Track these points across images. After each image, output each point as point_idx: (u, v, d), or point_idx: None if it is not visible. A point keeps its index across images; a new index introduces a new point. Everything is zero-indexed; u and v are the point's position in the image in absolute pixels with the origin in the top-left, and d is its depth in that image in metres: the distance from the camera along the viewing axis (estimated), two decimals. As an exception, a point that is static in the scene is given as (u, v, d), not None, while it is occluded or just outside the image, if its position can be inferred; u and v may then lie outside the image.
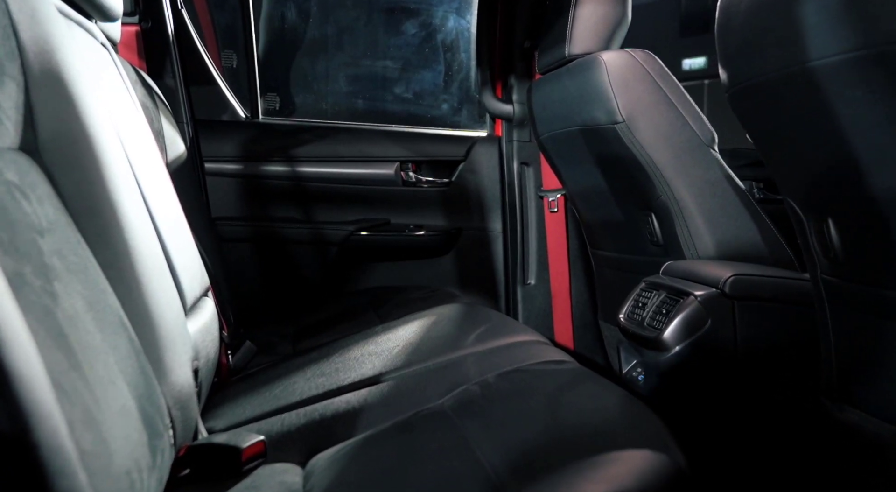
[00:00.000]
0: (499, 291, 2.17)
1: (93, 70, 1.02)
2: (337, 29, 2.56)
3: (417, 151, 2.14)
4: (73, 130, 0.86)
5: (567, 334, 2.16)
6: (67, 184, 0.83)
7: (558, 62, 1.71)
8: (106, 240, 0.88)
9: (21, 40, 0.80)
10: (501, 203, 2.15)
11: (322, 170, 2.07)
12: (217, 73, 2.04)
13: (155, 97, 1.72)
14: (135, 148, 1.07)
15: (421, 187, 2.15)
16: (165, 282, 0.99)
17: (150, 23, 1.87)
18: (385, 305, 1.80)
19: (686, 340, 1.24)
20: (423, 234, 2.10)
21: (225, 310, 1.67)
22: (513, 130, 2.09)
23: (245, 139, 2.03)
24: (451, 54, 2.60)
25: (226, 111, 2.05)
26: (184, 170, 1.79)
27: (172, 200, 1.24)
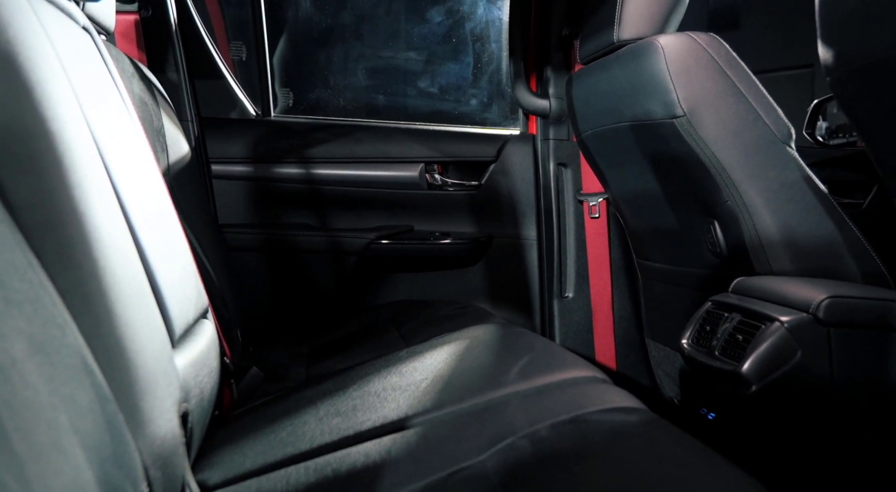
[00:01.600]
0: (533, 305, 1.97)
1: (64, 56, 0.84)
2: (355, 18, 2.37)
3: (444, 151, 1.95)
4: (27, 124, 0.68)
5: (609, 353, 1.96)
6: (18, 190, 0.66)
7: (605, 49, 1.51)
8: (68, 260, 0.70)
9: None
10: (536, 208, 1.96)
11: (339, 172, 1.89)
12: (225, 66, 1.86)
13: (155, 92, 1.55)
14: (115, 148, 0.89)
15: (447, 191, 1.96)
16: (146, 309, 0.81)
17: (150, 11, 1.70)
18: (409, 322, 1.61)
19: (771, 376, 1.03)
20: (450, 242, 1.91)
21: (230, 330, 1.49)
22: (549, 127, 1.89)
23: (255, 138, 1.86)
24: (480, 45, 2.40)
25: (234, 108, 1.87)
26: (187, 172, 1.62)
27: (164, 208, 1.07)
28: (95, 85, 0.95)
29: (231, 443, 1.03)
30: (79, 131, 0.76)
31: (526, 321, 1.97)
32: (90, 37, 1.07)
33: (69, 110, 0.75)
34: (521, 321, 1.98)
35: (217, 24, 2.12)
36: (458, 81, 2.41)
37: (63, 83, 0.77)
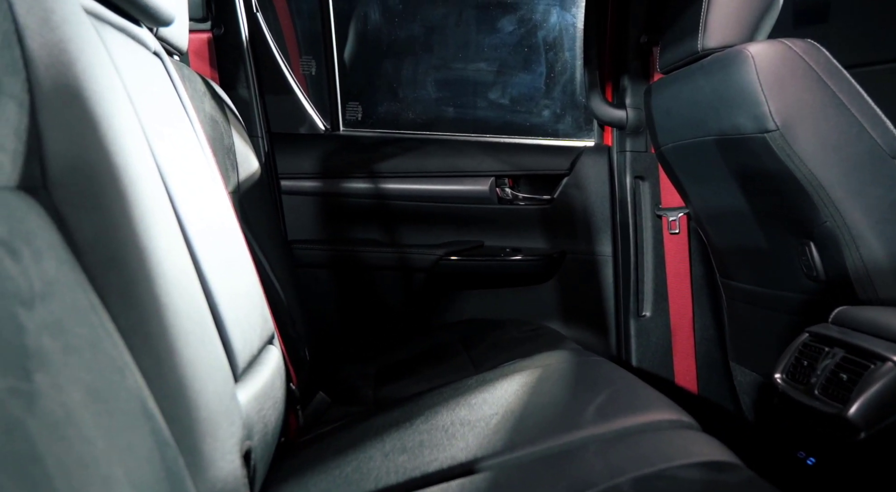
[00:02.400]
0: (608, 325, 1.88)
1: (132, 85, 0.83)
2: (425, 29, 2.34)
3: (515, 164, 1.89)
4: (93, 160, 0.66)
5: (690, 376, 1.85)
6: (84, 228, 0.64)
7: (688, 58, 1.42)
8: (130, 298, 0.68)
9: (28, 49, 0.61)
10: (612, 223, 1.87)
11: (408, 186, 1.85)
12: (295, 81, 1.86)
13: (226, 110, 1.55)
14: (180, 176, 0.88)
15: (519, 205, 1.90)
16: (209, 345, 0.79)
17: (222, 29, 1.71)
18: (479, 344, 1.56)
19: (882, 422, 0.93)
20: (522, 258, 1.85)
21: (297, 350, 1.48)
22: (626, 138, 1.81)
23: (324, 153, 1.85)
24: (553, 54, 2.32)
25: (304, 123, 1.87)
26: (257, 189, 1.62)
27: (230, 232, 1.05)
28: (163, 111, 0.94)
29: (296, 476, 1.00)
30: (143, 163, 0.74)
31: (600, 341, 1.89)
32: (161, 61, 1.07)
33: (134, 142, 0.74)
34: (594, 341, 1.89)
35: (289, 38, 2.13)
36: (530, 92, 2.34)
37: (129, 114, 0.75)
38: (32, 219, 0.58)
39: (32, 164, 0.60)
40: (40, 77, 0.62)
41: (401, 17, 2.34)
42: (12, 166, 0.57)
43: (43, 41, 0.63)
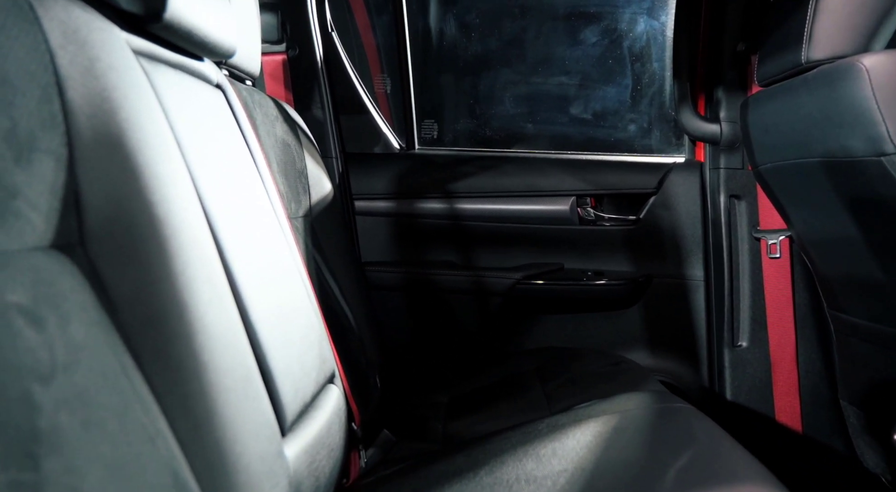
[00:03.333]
0: (699, 355, 1.75)
1: (183, 124, 0.81)
2: (503, 43, 2.26)
3: (598, 182, 1.78)
4: (134, 210, 0.63)
5: (793, 412, 1.69)
6: (120, 285, 0.61)
7: (790, 71, 1.28)
8: (168, 358, 0.64)
9: (69, 101, 0.58)
10: (704, 245, 1.73)
11: (485, 206, 1.79)
12: (370, 100, 1.83)
13: (299, 133, 1.54)
14: (232, 219, 0.85)
15: (602, 226, 1.79)
16: (253, 402, 0.75)
17: (297, 50, 1.71)
18: (555, 377, 1.47)
19: None
20: (605, 282, 1.74)
21: (367, 379, 1.44)
22: (719, 154, 1.67)
23: (399, 173, 1.81)
24: (640, 65, 2.19)
25: (378, 142, 1.84)
26: (330, 211, 1.59)
27: (289, 273, 1.01)
28: (218, 148, 0.91)
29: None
30: (188, 210, 0.71)
31: (690, 372, 1.76)
32: (223, 93, 1.05)
33: (179, 189, 0.71)
34: (683, 372, 1.76)
35: (371, 56, 2.11)
36: (615, 105, 2.21)
37: (174, 159, 0.72)
38: (65, 279, 0.56)
39: (69, 220, 0.57)
40: (80, 129, 0.59)
41: (478, 31, 2.27)
42: (46, 225, 0.55)
43: (85, 91, 0.61)
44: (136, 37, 0.76)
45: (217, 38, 0.91)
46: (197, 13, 0.83)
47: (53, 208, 0.56)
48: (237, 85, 1.28)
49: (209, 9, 0.87)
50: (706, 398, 1.73)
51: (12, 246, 0.51)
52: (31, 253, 0.53)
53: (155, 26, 0.76)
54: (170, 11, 0.76)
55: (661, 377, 1.76)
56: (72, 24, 0.62)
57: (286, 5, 1.70)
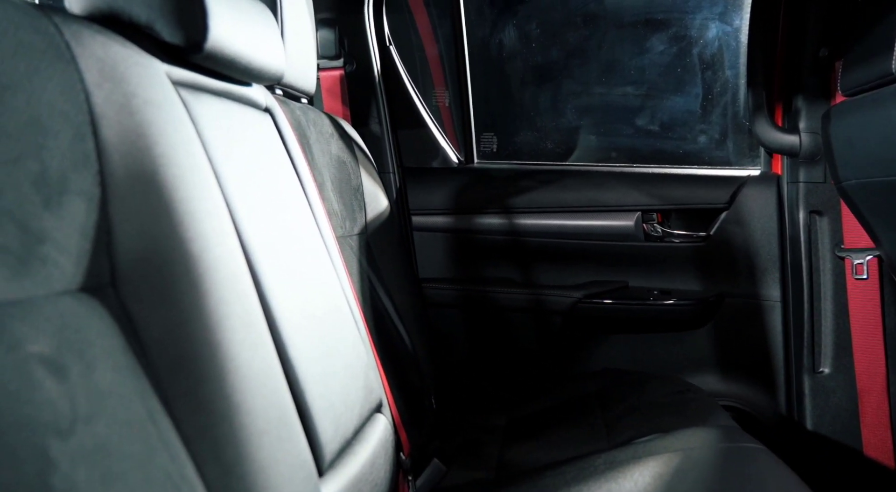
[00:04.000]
0: (776, 381, 1.63)
1: (224, 154, 0.79)
2: (565, 53, 2.19)
3: (664, 196, 1.70)
4: (167, 248, 0.62)
5: (884, 446, 1.55)
6: (152, 326, 0.59)
7: (878, 80, 1.17)
8: (199, 400, 0.62)
9: (102, 139, 0.57)
10: (780, 263, 1.62)
11: (545, 222, 1.73)
12: (427, 114, 1.80)
13: (355, 149, 1.52)
14: (273, 249, 0.83)
15: (670, 243, 1.70)
16: (288, 443, 0.72)
17: (354, 65, 1.69)
18: (617, 404, 1.40)
19: None
20: (673, 302, 1.65)
21: (421, 400, 1.41)
22: (798, 167, 1.56)
23: (457, 187, 1.77)
24: (711, 73, 2.08)
25: (436, 157, 1.80)
26: (386, 227, 1.57)
27: (333, 301, 0.99)
28: (263, 175, 0.89)
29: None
30: (224, 245, 0.69)
31: (766, 399, 1.65)
32: (271, 116, 1.03)
33: (216, 224, 0.69)
34: (758, 398, 1.65)
35: (435, 68, 2.08)
36: (684, 116, 2.11)
37: (212, 193, 0.70)
38: (93, 323, 0.54)
39: (100, 261, 0.56)
40: (114, 168, 0.58)
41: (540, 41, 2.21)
42: (75, 268, 0.54)
43: (121, 129, 0.60)
44: (177, 68, 0.75)
45: (263, 64, 0.89)
46: (240, 41, 0.81)
47: (84, 250, 0.54)
48: (290, 105, 1.27)
49: (254, 35, 0.85)
50: (783, 427, 1.62)
51: (39, 292, 0.50)
52: (59, 298, 0.52)
53: (196, 56, 0.75)
54: (211, 41, 0.75)
55: (732, 403, 1.66)
56: (109, 61, 0.61)
57: (344, 20, 1.69)
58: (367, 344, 1.08)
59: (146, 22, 0.73)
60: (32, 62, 0.53)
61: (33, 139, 0.51)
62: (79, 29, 0.60)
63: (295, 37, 1.32)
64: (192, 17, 0.73)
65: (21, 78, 0.51)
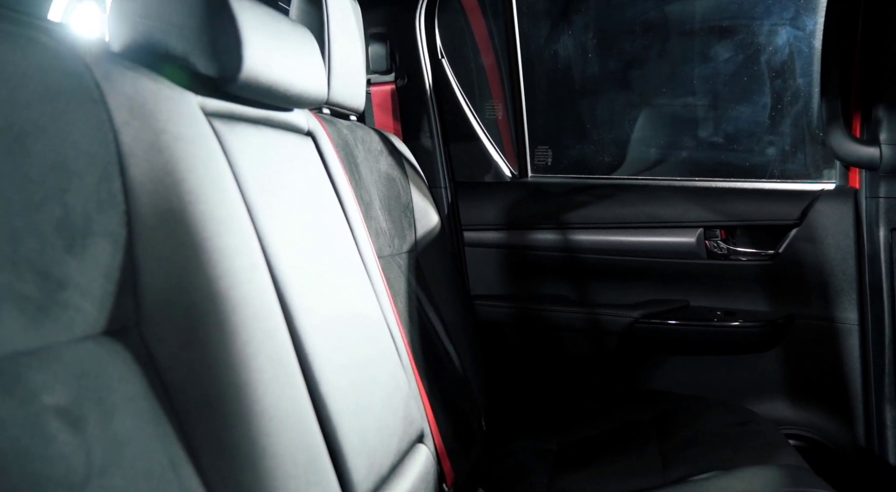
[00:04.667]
0: (852, 410, 1.52)
1: (258, 185, 0.78)
2: (623, 63, 2.10)
3: (729, 212, 1.61)
4: (194, 287, 0.60)
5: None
6: (176, 367, 0.58)
7: None
8: (224, 445, 0.61)
9: (130, 179, 0.57)
10: (858, 283, 1.51)
11: (601, 238, 1.67)
12: (480, 127, 1.77)
13: (405, 165, 1.50)
14: (308, 281, 0.81)
15: (734, 261, 1.61)
16: (318, 486, 0.70)
17: (405, 79, 1.68)
18: (674, 434, 1.33)
19: None
20: (739, 323, 1.56)
21: (470, 423, 1.37)
22: (879, 181, 1.45)
23: (510, 202, 1.73)
24: (780, 81, 1.96)
25: (489, 171, 1.76)
26: (437, 243, 1.55)
27: (374, 330, 0.96)
28: (298, 202, 0.88)
29: None
30: (253, 281, 0.68)
31: (841, 429, 1.53)
32: (312, 140, 1.02)
33: (245, 259, 0.67)
34: (833, 429, 1.54)
35: (493, 79, 2.05)
36: (751, 127, 1.99)
37: (243, 227, 0.69)
38: (114, 368, 0.53)
39: (125, 303, 0.55)
40: (141, 207, 0.57)
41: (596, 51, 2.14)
42: (98, 311, 0.53)
43: (149, 167, 0.59)
44: (211, 99, 0.74)
45: (302, 91, 0.88)
46: (277, 69, 0.79)
47: (108, 293, 0.53)
48: (337, 124, 1.26)
49: (293, 62, 0.84)
50: (860, 461, 1.51)
51: (59, 339, 0.49)
52: (80, 343, 0.51)
53: (231, 87, 0.74)
54: (245, 72, 0.74)
55: (803, 432, 1.56)
56: (139, 98, 0.60)
57: (395, 35, 1.67)
58: (410, 371, 1.05)
59: (182, 54, 0.72)
60: (59, 105, 0.52)
61: (57, 183, 0.51)
62: (110, 67, 0.59)
63: (343, 55, 1.31)
64: (226, 47, 0.72)
65: (46, 122, 0.50)
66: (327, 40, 1.25)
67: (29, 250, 0.48)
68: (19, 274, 0.47)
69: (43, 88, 0.51)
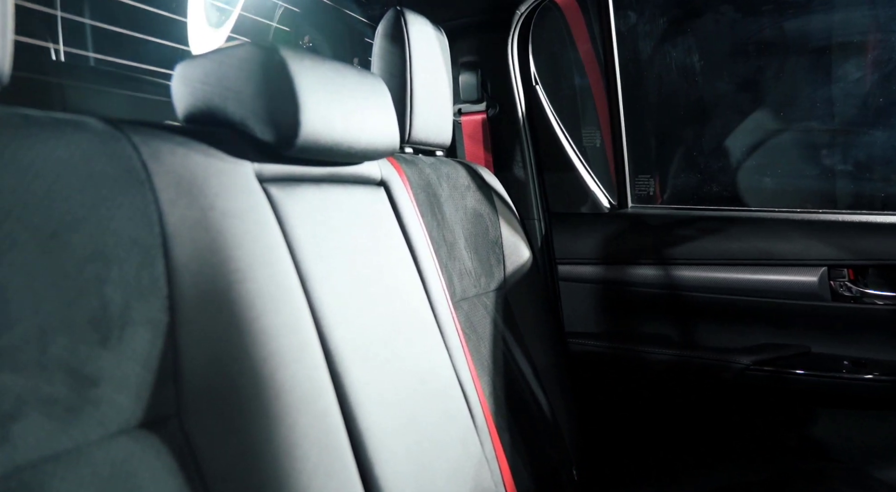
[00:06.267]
0: None
1: (316, 249, 0.75)
2: (735, 85, 1.93)
3: (859, 249, 1.43)
4: (237, 372, 0.58)
5: None
6: (217, 457, 0.56)
7: None
8: None
9: (173, 260, 0.55)
10: None
11: (709, 275, 1.53)
12: (577, 155, 1.68)
13: (494, 199, 1.45)
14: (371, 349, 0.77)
15: (865, 304, 1.43)
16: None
17: (497, 108, 1.62)
18: (789, 504, 1.18)
19: None
20: (872, 377, 1.38)
21: (558, 474, 1.29)
22: None
23: (608, 234, 1.63)
24: (923, 102, 1.73)
25: (586, 201, 1.67)
26: (528, 279, 1.48)
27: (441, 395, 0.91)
28: (364, 259, 0.84)
29: None
30: (302, 361, 0.64)
31: None
32: (385, 189, 0.99)
33: (294, 338, 0.64)
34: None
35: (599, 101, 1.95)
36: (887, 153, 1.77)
37: (293, 302, 0.66)
38: (149, 463, 0.51)
39: (164, 392, 0.53)
40: (184, 291, 0.55)
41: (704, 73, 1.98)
42: (135, 403, 0.51)
43: (194, 247, 0.57)
44: (270, 164, 0.72)
45: (369, 144, 0.84)
46: (339, 127, 0.76)
47: (146, 382, 0.51)
48: (419, 163, 1.23)
49: (357, 116, 0.80)
50: None
51: (89, 438, 0.47)
52: (111, 441, 0.49)
53: (289, 151, 0.72)
54: (303, 135, 0.71)
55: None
56: (188, 175, 0.59)
57: (487, 63, 1.62)
58: (485, 430, 0.99)
59: (240, 119, 0.71)
60: (102, 192, 0.51)
61: (95, 274, 0.49)
62: (159, 144, 0.58)
63: (426, 91, 1.27)
64: (281, 112, 0.70)
65: (87, 212, 0.49)
66: (409, 78, 1.22)
67: (59, 350, 0.46)
68: (47, 376, 0.45)
69: (86, 177, 0.50)
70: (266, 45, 0.71)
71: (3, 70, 0.49)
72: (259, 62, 0.69)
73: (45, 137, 0.48)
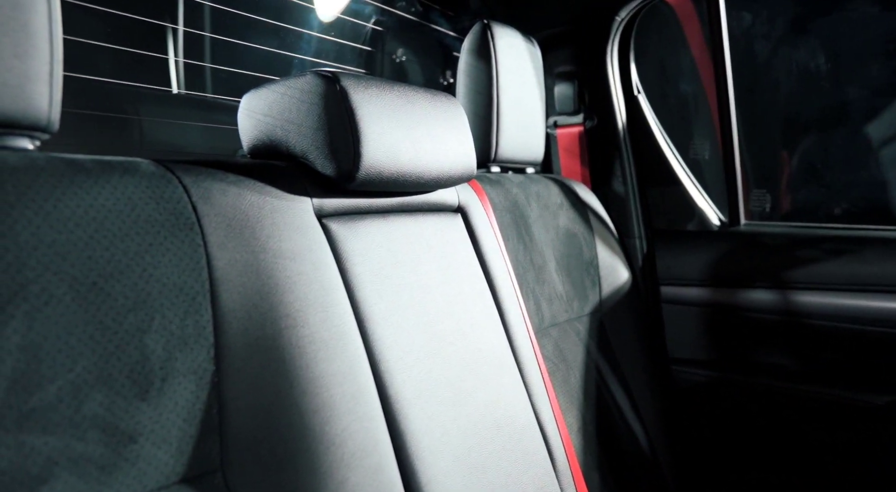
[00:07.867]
0: None
1: (379, 290, 0.72)
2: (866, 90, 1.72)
3: None
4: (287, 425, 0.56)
5: None
6: None
7: None
8: None
9: (220, 307, 0.54)
10: None
11: (834, 301, 1.37)
12: (683, 168, 1.56)
13: (590, 217, 1.37)
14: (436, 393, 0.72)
15: None
16: None
17: (595, 120, 1.54)
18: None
19: None
20: None
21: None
22: None
23: (717, 254, 1.49)
24: None
25: (692, 218, 1.55)
26: (625, 302, 1.40)
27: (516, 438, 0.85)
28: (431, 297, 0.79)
29: None
30: (356, 412, 0.60)
31: None
32: (462, 216, 0.94)
33: (347, 387, 0.60)
34: None
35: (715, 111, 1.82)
36: None
37: (348, 347, 0.62)
38: None
39: (207, 445, 0.51)
40: (230, 339, 0.53)
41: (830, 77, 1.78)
42: (175, 459, 0.49)
43: (242, 292, 0.55)
44: (332, 198, 0.69)
45: (440, 172, 0.80)
46: (406, 156, 0.72)
47: (188, 436, 0.49)
48: (506, 183, 1.17)
49: (426, 145, 0.76)
50: None
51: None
52: None
53: (350, 184, 0.69)
54: (365, 168, 0.67)
55: None
56: (240, 215, 0.57)
57: (584, 72, 1.54)
58: (566, 473, 0.92)
59: (301, 153, 0.69)
60: (146, 238, 0.49)
61: (136, 324, 0.48)
62: (210, 185, 0.56)
63: (515, 107, 1.22)
64: (341, 145, 0.66)
65: (130, 260, 0.47)
66: (496, 94, 1.16)
67: (95, 406, 0.45)
68: (80, 434, 0.43)
69: (131, 223, 0.49)
70: (329, 73, 0.68)
71: (53, 118, 0.48)
72: (319, 93, 0.66)
73: (89, 185, 0.47)
